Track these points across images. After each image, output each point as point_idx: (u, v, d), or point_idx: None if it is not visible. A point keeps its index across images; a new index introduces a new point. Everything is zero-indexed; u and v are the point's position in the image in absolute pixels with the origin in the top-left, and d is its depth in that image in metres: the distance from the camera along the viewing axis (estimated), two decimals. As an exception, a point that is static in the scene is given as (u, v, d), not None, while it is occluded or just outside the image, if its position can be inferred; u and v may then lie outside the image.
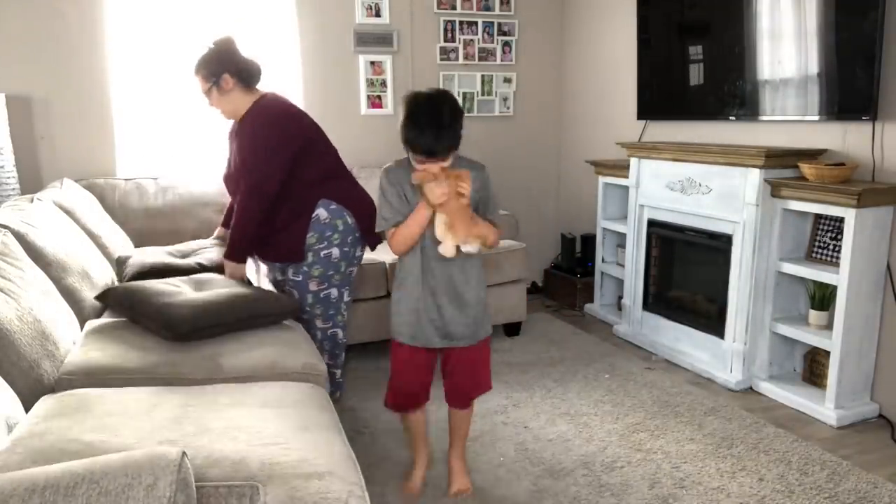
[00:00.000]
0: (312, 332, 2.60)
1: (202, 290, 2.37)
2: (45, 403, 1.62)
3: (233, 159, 2.62)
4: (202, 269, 2.70)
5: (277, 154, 2.46)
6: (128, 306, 2.23)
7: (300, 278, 2.58)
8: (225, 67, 2.51)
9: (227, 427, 1.52)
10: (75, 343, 2.12)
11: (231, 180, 2.65)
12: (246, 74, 2.53)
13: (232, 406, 1.66)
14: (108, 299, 2.30)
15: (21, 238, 2.22)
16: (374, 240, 2.71)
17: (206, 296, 2.26)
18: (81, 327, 2.31)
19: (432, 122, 1.83)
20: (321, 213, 2.53)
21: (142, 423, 1.53)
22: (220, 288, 2.39)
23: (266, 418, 1.59)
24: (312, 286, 2.58)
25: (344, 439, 1.60)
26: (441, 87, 4.36)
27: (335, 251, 2.56)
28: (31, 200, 2.64)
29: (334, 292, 2.62)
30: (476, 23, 4.41)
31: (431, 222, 1.92)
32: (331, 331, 2.67)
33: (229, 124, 2.72)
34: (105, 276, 2.66)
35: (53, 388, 1.84)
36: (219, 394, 1.75)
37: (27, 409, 1.66)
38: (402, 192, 1.97)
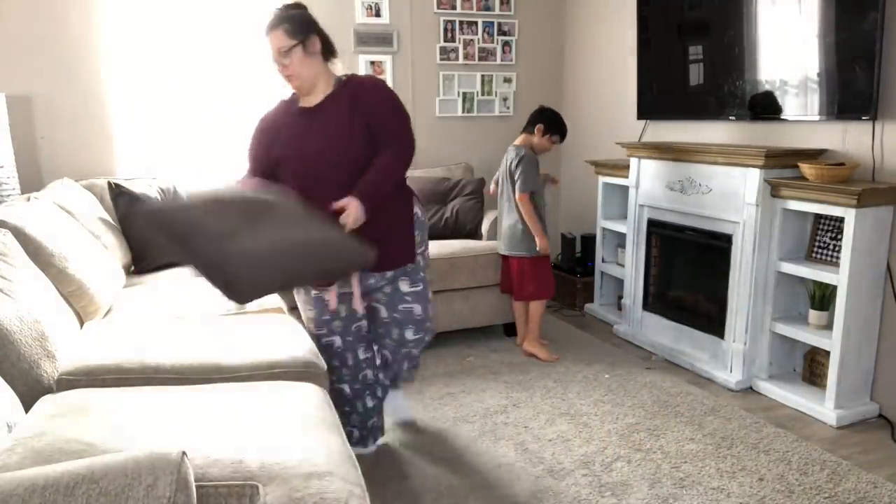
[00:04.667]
0: (423, 344, 2.47)
1: (260, 233, 1.79)
2: (44, 404, 1.62)
3: (310, 144, 2.19)
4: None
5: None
6: (175, 238, 1.70)
7: (420, 287, 2.37)
8: (314, 29, 2.18)
9: (227, 427, 1.52)
10: (75, 343, 2.12)
11: (299, 172, 2.20)
12: (329, 46, 2.22)
13: (232, 406, 1.66)
14: (144, 221, 1.79)
15: (21, 238, 2.22)
16: None
17: (274, 246, 1.76)
18: (81, 327, 2.31)
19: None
20: (418, 211, 2.35)
21: (142, 423, 1.53)
22: (280, 228, 1.82)
23: (266, 418, 1.59)
24: (429, 291, 2.42)
25: (344, 439, 1.60)
26: (441, 86, 4.38)
27: (428, 250, 2.46)
28: (29, 199, 2.65)
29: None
30: (476, 23, 4.41)
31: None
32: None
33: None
34: (105, 276, 2.66)
35: (53, 389, 1.84)
36: (219, 394, 1.75)
37: (27, 410, 1.66)
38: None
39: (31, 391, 1.74)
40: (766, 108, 3.10)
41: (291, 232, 1.80)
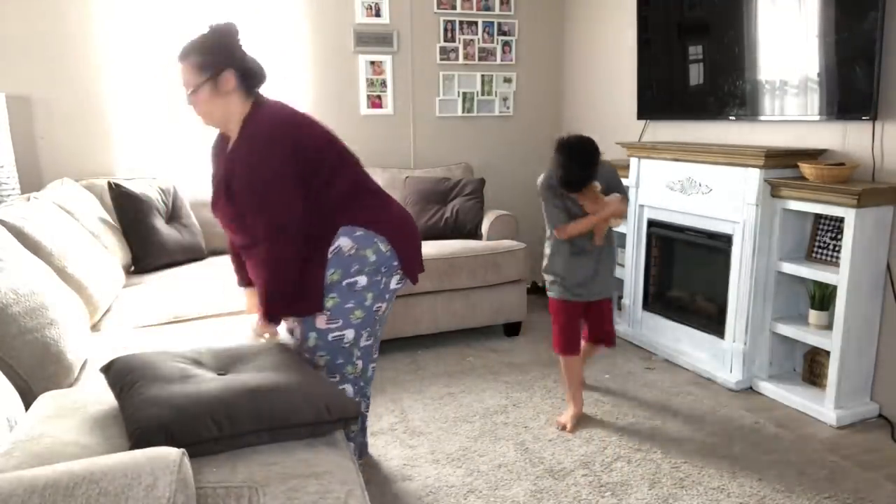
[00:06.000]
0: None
1: (227, 374, 1.67)
2: (43, 403, 1.62)
3: (221, 183, 1.98)
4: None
5: (288, 176, 1.86)
6: (117, 390, 1.56)
7: (338, 322, 2.01)
8: (228, 61, 1.89)
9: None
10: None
11: (222, 210, 2.01)
12: (250, 75, 1.93)
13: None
14: (109, 374, 1.65)
15: (20, 238, 2.22)
16: (416, 269, 2.12)
17: (222, 388, 1.51)
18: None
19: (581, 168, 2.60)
20: (343, 243, 1.94)
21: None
22: (252, 372, 1.65)
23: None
24: (319, 323, 1.98)
25: (343, 439, 1.60)
26: (441, 86, 4.38)
27: (361, 279, 1.98)
28: (29, 199, 2.65)
29: (349, 335, 2.00)
30: (476, 23, 4.41)
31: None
32: (339, 387, 2.03)
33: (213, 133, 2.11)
34: (105, 276, 2.66)
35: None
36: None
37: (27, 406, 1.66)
38: (564, 202, 2.64)
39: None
40: (766, 108, 3.10)
41: (257, 376, 1.60)
